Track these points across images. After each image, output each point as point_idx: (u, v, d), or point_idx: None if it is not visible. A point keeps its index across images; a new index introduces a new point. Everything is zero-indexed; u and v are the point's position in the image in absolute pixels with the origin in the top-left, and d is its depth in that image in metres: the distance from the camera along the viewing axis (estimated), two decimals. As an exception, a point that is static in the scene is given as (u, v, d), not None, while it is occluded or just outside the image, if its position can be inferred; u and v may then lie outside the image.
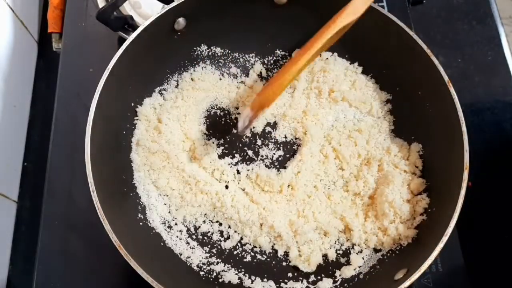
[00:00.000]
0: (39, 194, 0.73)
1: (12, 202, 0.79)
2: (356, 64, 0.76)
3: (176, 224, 0.68)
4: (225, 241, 0.68)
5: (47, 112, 0.79)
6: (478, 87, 0.84)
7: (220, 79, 0.77)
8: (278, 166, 0.72)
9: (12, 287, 0.74)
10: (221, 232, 0.68)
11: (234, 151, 0.73)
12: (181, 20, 0.69)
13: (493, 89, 0.83)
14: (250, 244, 0.68)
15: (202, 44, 0.76)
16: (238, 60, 0.79)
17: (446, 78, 0.63)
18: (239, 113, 0.76)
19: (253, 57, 0.79)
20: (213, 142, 0.73)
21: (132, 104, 0.71)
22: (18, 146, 0.83)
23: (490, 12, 0.89)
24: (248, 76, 0.78)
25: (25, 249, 0.77)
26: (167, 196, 0.69)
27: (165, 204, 0.69)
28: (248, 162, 0.72)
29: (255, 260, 0.67)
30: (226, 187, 0.70)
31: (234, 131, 0.75)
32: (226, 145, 0.73)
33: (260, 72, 0.78)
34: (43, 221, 0.71)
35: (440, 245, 0.55)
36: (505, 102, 0.82)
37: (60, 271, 0.68)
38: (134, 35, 0.64)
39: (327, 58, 0.76)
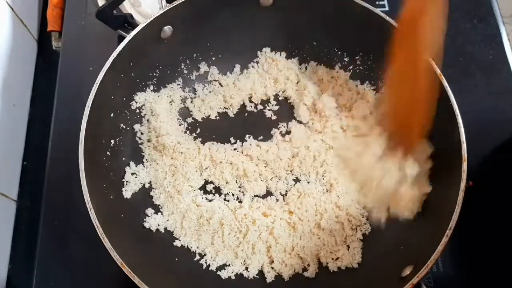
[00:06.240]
0: (38, 193, 0.73)
1: (12, 201, 0.78)
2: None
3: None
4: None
5: (46, 111, 0.79)
6: (479, 86, 0.83)
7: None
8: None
9: (12, 286, 0.74)
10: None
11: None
12: (167, 29, 0.69)
13: (494, 88, 0.83)
14: None
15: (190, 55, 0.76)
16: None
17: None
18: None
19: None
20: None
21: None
22: (17, 145, 0.83)
23: (491, 10, 0.89)
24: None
25: (25, 248, 0.76)
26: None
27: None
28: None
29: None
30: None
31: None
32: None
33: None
34: (43, 220, 0.70)
35: (445, 239, 0.54)
36: (506, 101, 0.82)
37: (60, 271, 0.68)
38: (120, 47, 0.64)
39: None
